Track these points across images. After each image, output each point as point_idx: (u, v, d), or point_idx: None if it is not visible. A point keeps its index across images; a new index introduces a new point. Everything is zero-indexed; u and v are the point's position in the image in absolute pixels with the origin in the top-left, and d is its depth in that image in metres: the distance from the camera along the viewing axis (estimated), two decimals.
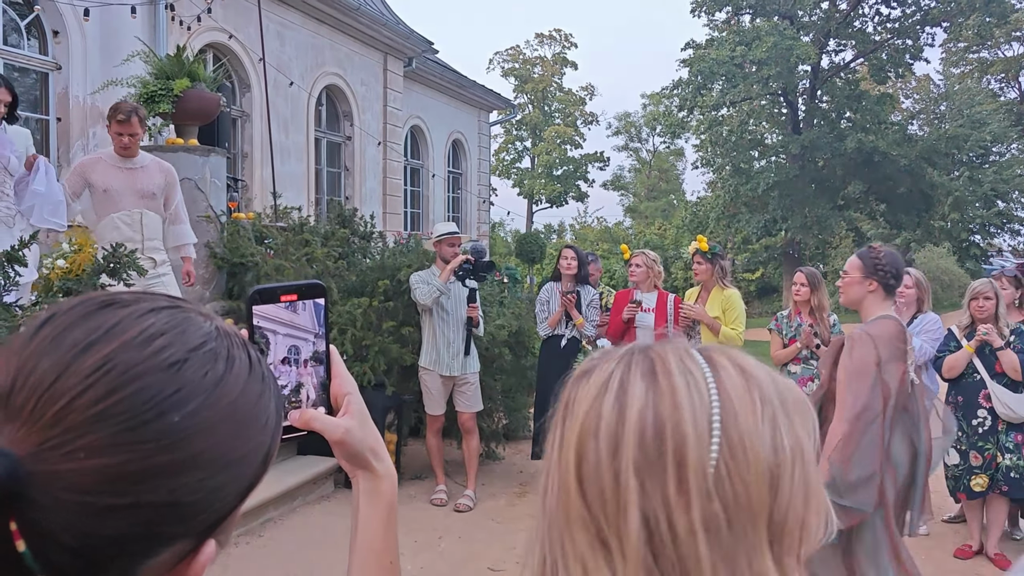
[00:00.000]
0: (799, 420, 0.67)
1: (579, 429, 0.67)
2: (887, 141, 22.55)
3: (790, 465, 0.65)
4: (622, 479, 0.64)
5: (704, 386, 0.66)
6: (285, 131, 11.68)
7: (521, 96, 39.31)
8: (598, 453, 0.65)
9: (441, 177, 17.40)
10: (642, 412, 0.65)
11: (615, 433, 0.65)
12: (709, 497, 0.62)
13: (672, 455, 0.63)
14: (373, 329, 5.95)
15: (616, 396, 0.67)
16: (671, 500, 0.62)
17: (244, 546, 4.80)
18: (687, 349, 0.70)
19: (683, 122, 26.51)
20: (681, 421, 0.64)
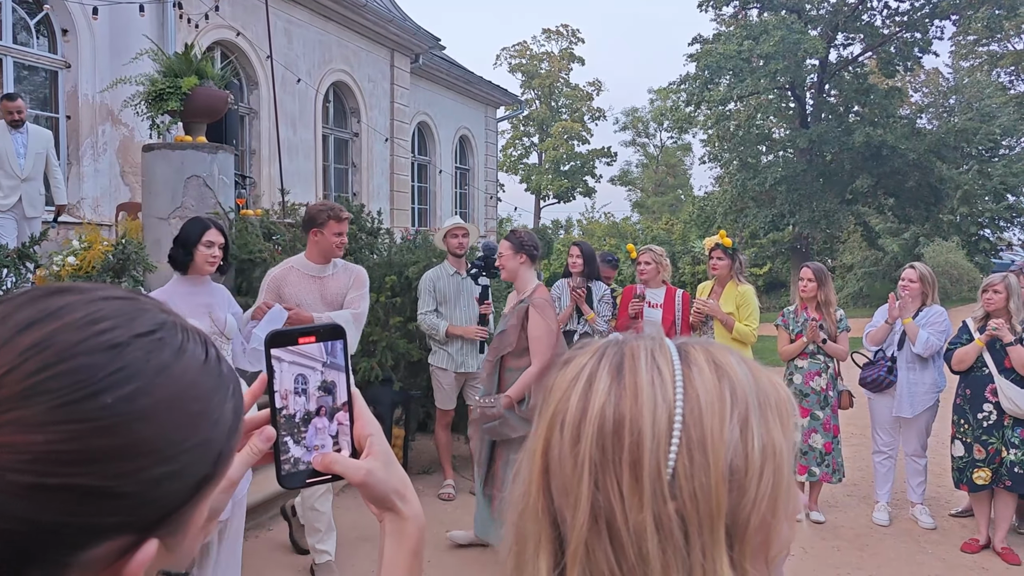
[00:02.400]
0: (776, 421, 0.66)
1: (549, 417, 0.68)
2: (896, 135, 22.42)
3: (758, 467, 0.64)
4: (578, 471, 0.64)
5: (671, 385, 0.65)
6: (293, 128, 11.72)
7: (528, 92, 39.26)
8: (562, 443, 0.66)
9: (448, 173, 17.41)
10: (603, 408, 0.65)
11: (577, 425, 0.66)
12: (663, 499, 0.62)
13: (628, 453, 0.63)
14: (380, 325, 5.97)
15: (583, 389, 0.67)
16: (625, 498, 0.63)
17: (253, 540, 4.84)
18: (662, 344, 0.69)
19: (690, 117, 26.42)
20: (639, 420, 0.64)
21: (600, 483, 0.63)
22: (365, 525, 5.14)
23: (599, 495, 0.63)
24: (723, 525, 0.62)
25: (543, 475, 0.67)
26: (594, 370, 0.68)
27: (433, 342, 5.65)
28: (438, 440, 5.84)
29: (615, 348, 0.70)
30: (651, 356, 0.67)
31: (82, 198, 8.83)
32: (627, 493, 0.63)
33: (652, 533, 0.62)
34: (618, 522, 0.63)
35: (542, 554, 0.67)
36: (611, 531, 0.63)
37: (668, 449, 0.63)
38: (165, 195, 6.11)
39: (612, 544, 0.63)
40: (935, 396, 5.31)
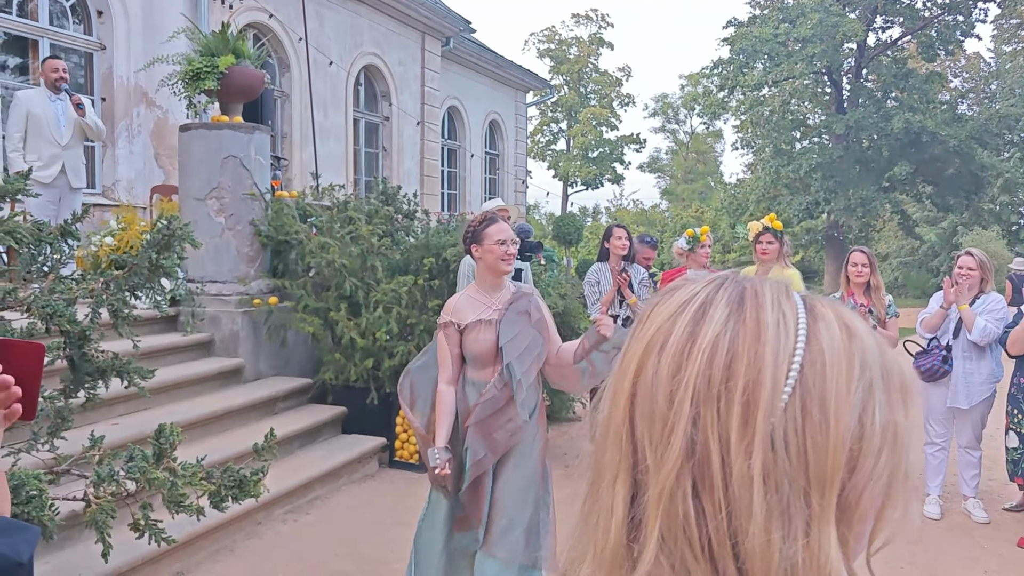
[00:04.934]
0: (901, 403, 0.61)
1: (646, 342, 0.63)
2: (936, 121, 21.92)
3: (877, 445, 0.58)
4: (676, 400, 0.58)
5: (793, 330, 0.59)
6: (324, 112, 11.67)
7: (557, 77, 38.96)
8: (658, 368, 0.60)
9: (478, 158, 17.31)
10: (717, 338, 0.59)
11: (681, 351, 0.60)
12: (773, 447, 0.56)
13: (741, 392, 0.57)
14: (418, 308, 5.90)
15: (693, 316, 0.62)
16: (731, 440, 0.57)
17: (292, 523, 4.80)
18: (788, 290, 0.63)
19: (723, 103, 26.04)
20: (760, 359, 0.58)
21: (700, 420, 0.58)
22: (402, 509, 5.09)
23: (696, 432, 0.58)
24: (835, 495, 0.57)
25: (630, 400, 0.62)
26: (709, 298, 0.63)
27: None
28: None
29: (734, 282, 0.64)
30: (776, 298, 0.62)
31: (117, 180, 8.84)
32: (734, 436, 0.56)
33: (759, 485, 0.56)
34: (713, 467, 0.57)
35: (620, 484, 0.62)
36: (703, 474, 0.57)
37: (781, 398, 0.57)
38: (201, 175, 6.08)
39: (700, 488, 0.57)
40: (992, 387, 5.13)
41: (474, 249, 3.21)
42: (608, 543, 0.62)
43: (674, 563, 0.59)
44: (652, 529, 0.59)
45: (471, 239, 3.23)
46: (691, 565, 0.58)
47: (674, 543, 0.59)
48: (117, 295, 3.10)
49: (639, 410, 0.61)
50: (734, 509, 0.56)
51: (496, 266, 3.16)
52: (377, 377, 5.83)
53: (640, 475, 0.61)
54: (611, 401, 0.64)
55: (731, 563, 0.57)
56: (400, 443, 5.87)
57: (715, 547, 0.57)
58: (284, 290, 6.08)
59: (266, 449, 3.04)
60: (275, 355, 6.16)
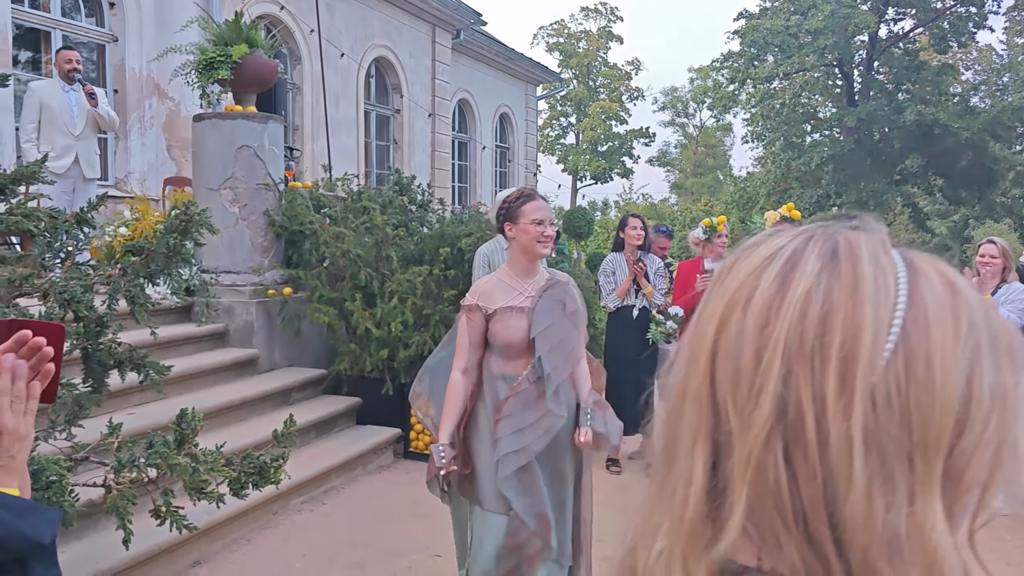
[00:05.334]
0: (1009, 366, 0.56)
1: (728, 299, 0.59)
2: (948, 113, 21.75)
3: (985, 410, 0.54)
4: (765, 358, 0.54)
5: (893, 284, 0.55)
6: (335, 104, 11.64)
7: (566, 71, 38.83)
8: (743, 325, 0.56)
9: (489, 151, 17.26)
10: (809, 292, 0.55)
11: (769, 306, 0.56)
12: (875, 407, 0.52)
13: (838, 348, 0.53)
14: (433, 298, 5.86)
15: (782, 269, 0.57)
16: (827, 400, 0.52)
17: (308, 513, 4.78)
18: (885, 242, 0.59)
19: (733, 95, 25.91)
20: (858, 313, 0.54)
21: (791, 378, 0.54)
22: (418, 500, 5.06)
23: (787, 392, 0.53)
24: (941, 461, 0.53)
25: (711, 360, 0.58)
26: (798, 251, 0.58)
27: None
28: None
29: (825, 233, 0.60)
30: (873, 251, 0.57)
31: (129, 172, 8.83)
32: (830, 395, 0.52)
33: (859, 447, 0.51)
34: (807, 429, 0.53)
35: (700, 450, 0.58)
36: (796, 437, 0.53)
37: (882, 355, 0.53)
38: (215, 166, 6.06)
39: (792, 452, 0.53)
40: None
41: (507, 228, 2.92)
42: (687, 513, 0.58)
43: (763, 534, 0.55)
44: (738, 497, 0.55)
45: (504, 216, 2.94)
46: (782, 536, 0.54)
47: (763, 512, 0.55)
48: (135, 282, 3.07)
49: (721, 370, 0.57)
50: (831, 474, 0.52)
51: (531, 248, 2.89)
52: (392, 368, 5.80)
53: (722, 440, 0.57)
54: (689, 362, 0.60)
55: (827, 533, 0.53)
56: (415, 434, 5.84)
57: (809, 516, 0.53)
58: (298, 280, 6.05)
59: (286, 436, 3.01)
60: (290, 346, 6.14)
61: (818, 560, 0.54)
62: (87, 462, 2.86)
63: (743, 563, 0.58)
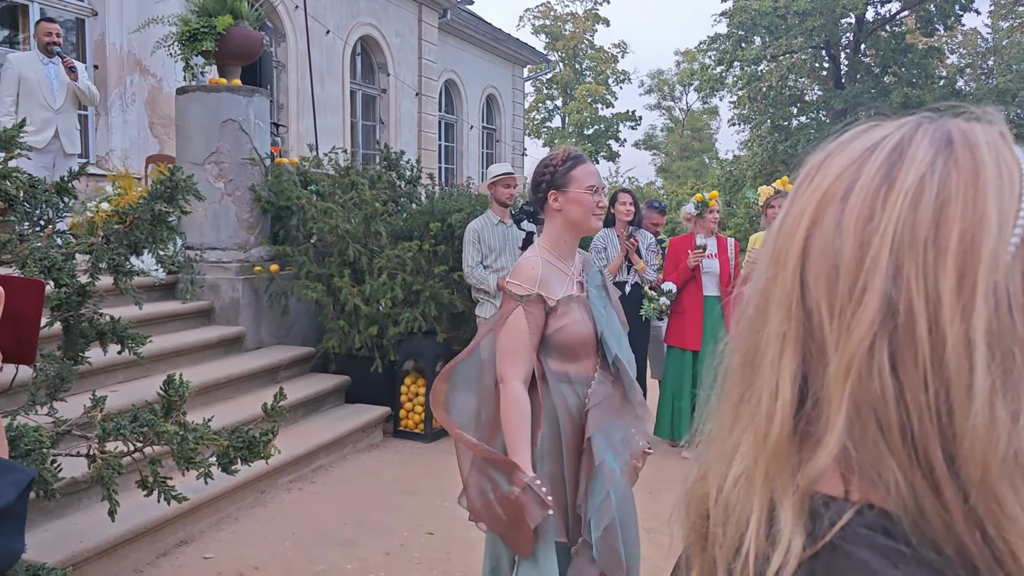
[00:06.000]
0: None
1: (823, 192, 0.53)
2: (934, 96, 21.81)
3: None
4: (872, 251, 0.49)
5: (1017, 174, 0.50)
6: (321, 83, 11.47)
7: (552, 54, 38.61)
8: (842, 219, 0.51)
9: (476, 131, 17.13)
10: (923, 178, 0.50)
11: (875, 196, 0.50)
12: (998, 309, 0.47)
13: (957, 240, 0.48)
14: (423, 274, 5.78)
15: (888, 157, 0.52)
16: (943, 299, 0.47)
17: (297, 492, 4.71)
18: (1004, 133, 0.53)
19: (720, 78, 25.84)
20: (980, 203, 0.48)
21: (901, 275, 0.48)
22: (409, 479, 5.00)
23: (896, 291, 0.48)
24: None
25: (801, 260, 0.52)
26: (906, 138, 0.53)
27: (480, 294, 5.45)
28: None
29: (935, 121, 0.54)
30: (992, 139, 0.52)
31: (111, 150, 8.66)
32: (947, 294, 0.47)
33: (982, 352, 0.46)
34: (919, 332, 0.47)
35: (788, 359, 0.52)
36: (906, 342, 0.48)
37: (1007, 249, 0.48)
38: (200, 140, 5.93)
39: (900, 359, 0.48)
40: None
41: (552, 198, 2.35)
42: (772, 430, 0.52)
43: (865, 452, 0.49)
44: (837, 411, 0.49)
45: (549, 184, 2.37)
46: (884, 456, 0.48)
47: (863, 429, 0.48)
48: (118, 250, 2.97)
49: (815, 269, 0.51)
50: (946, 383, 0.47)
51: (584, 222, 2.34)
52: (381, 345, 5.72)
53: (814, 349, 0.51)
54: (774, 263, 0.54)
55: (938, 450, 0.47)
56: (405, 412, 5.76)
57: (917, 432, 0.47)
58: (285, 257, 5.95)
59: (276, 410, 2.93)
60: (277, 323, 6.04)
61: (927, 481, 0.47)
62: (69, 436, 2.77)
63: (828, 492, 0.51)
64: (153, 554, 3.76)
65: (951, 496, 0.47)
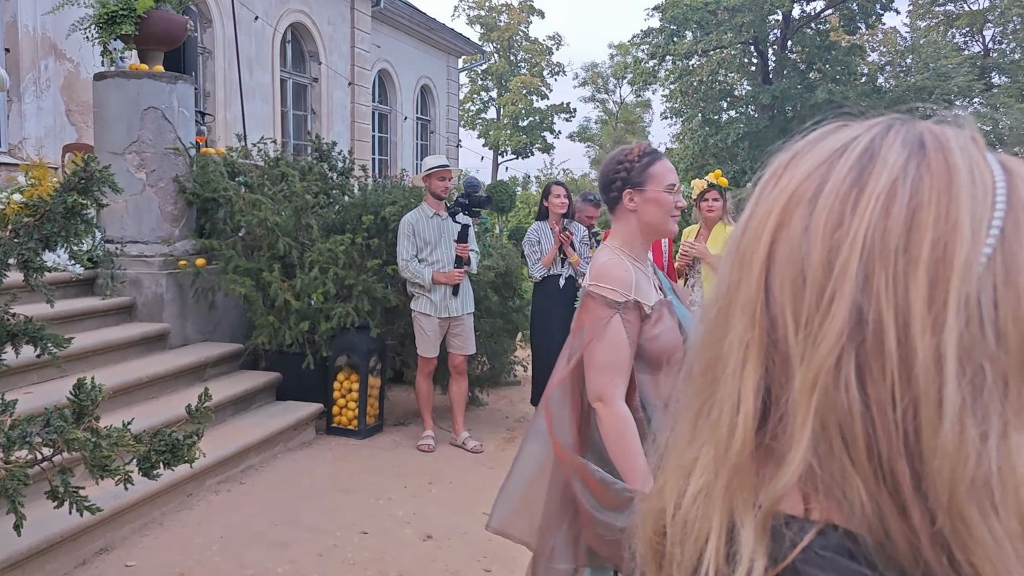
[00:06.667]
0: None
1: (789, 194, 0.51)
2: (856, 93, 22.51)
3: None
4: (841, 258, 0.47)
5: (990, 181, 0.48)
6: (249, 70, 11.15)
7: (487, 45, 38.46)
8: (810, 222, 0.49)
9: (410, 122, 16.94)
10: (895, 183, 0.48)
11: (845, 200, 0.48)
12: (968, 320, 0.45)
13: (929, 249, 0.46)
14: (356, 268, 5.66)
15: (858, 159, 0.50)
16: (912, 311, 0.45)
17: (226, 493, 4.56)
18: (975, 137, 0.52)
19: (652, 72, 26.16)
20: (953, 209, 0.46)
21: (871, 284, 0.46)
22: (343, 477, 4.90)
23: (865, 300, 0.46)
24: None
25: (766, 264, 0.50)
26: (877, 140, 0.50)
27: (415, 288, 5.36)
28: (419, 390, 5.58)
29: (905, 122, 0.52)
30: (963, 143, 0.50)
31: (24, 138, 8.25)
32: (918, 305, 0.45)
33: (953, 367, 0.44)
34: (888, 345, 0.45)
35: (751, 369, 0.49)
36: (874, 355, 0.45)
37: (979, 259, 0.46)
38: (119, 128, 5.68)
39: (867, 373, 0.46)
40: None
41: (628, 198, 2.11)
42: (734, 444, 0.49)
43: (829, 470, 0.46)
44: (802, 426, 0.46)
45: (625, 182, 2.13)
46: (849, 474, 0.46)
47: (828, 445, 0.46)
48: (28, 244, 2.80)
49: (781, 274, 0.49)
50: (915, 400, 0.44)
51: (663, 224, 2.12)
52: (313, 341, 5.58)
53: (777, 360, 0.48)
54: (737, 266, 0.52)
55: (905, 469, 0.45)
56: (338, 408, 5.65)
57: (884, 450, 0.45)
58: (212, 251, 5.75)
59: (200, 412, 2.81)
60: (203, 319, 5.84)
61: (893, 502, 0.45)
62: None
63: (788, 511, 0.49)
64: (71, 564, 3.59)
65: (918, 517, 0.45)
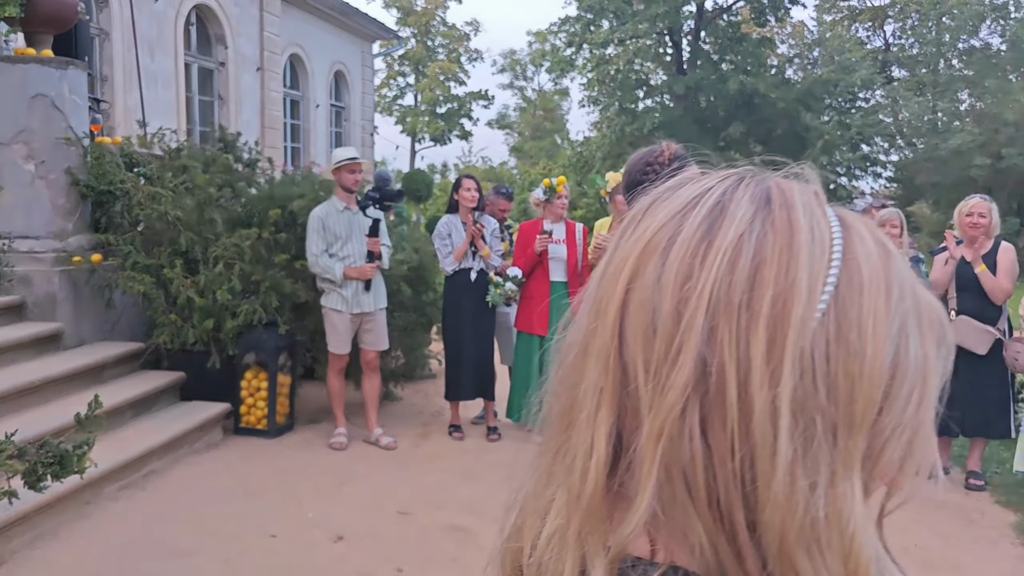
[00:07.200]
0: (932, 342, 0.53)
1: (645, 243, 0.52)
2: (766, 84, 23.16)
3: (909, 387, 0.50)
4: (688, 310, 0.48)
5: (828, 238, 0.50)
6: (151, 53, 10.69)
7: (404, 29, 37.98)
8: (663, 273, 0.50)
9: (324, 110, 16.58)
10: (741, 238, 0.49)
11: (695, 253, 0.50)
12: (803, 375, 0.47)
13: (769, 305, 0.47)
14: (263, 263, 5.50)
15: (709, 212, 0.51)
16: (754, 364, 0.47)
17: (126, 500, 4.38)
18: (818, 194, 0.54)
19: (570, 60, 26.35)
20: (793, 266, 0.48)
21: (715, 337, 0.47)
22: (251, 479, 4.78)
23: (709, 352, 0.47)
24: (864, 438, 0.48)
25: (621, 312, 0.51)
26: (728, 193, 0.52)
27: (325, 283, 5.25)
28: (330, 387, 5.48)
29: (756, 177, 0.54)
30: (807, 200, 0.52)
31: None
32: (757, 359, 0.47)
33: (787, 420, 0.46)
34: (729, 397, 0.47)
35: (603, 416, 0.51)
36: (716, 406, 0.47)
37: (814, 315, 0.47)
38: (5, 117, 5.38)
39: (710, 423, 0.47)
40: None
41: None
42: (586, 489, 0.51)
43: (671, 513, 0.49)
44: (648, 473, 0.48)
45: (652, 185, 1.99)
46: (690, 516, 0.48)
47: (672, 491, 0.48)
48: None
49: (633, 323, 0.50)
50: (752, 450, 0.47)
51: None
52: (219, 339, 5.41)
53: (629, 407, 0.50)
54: (594, 312, 0.53)
55: (741, 516, 0.47)
56: (246, 408, 5.50)
57: (723, 496, 0.48)
58: (109, 246, 5.50)
59: (91, 420, 2.68)
60: (100, 318, 5.58)
61: (730, 546, 0.47)
62: None
63: (635, 553, 0.51)
64: None
65: (751, 563, 0.47)
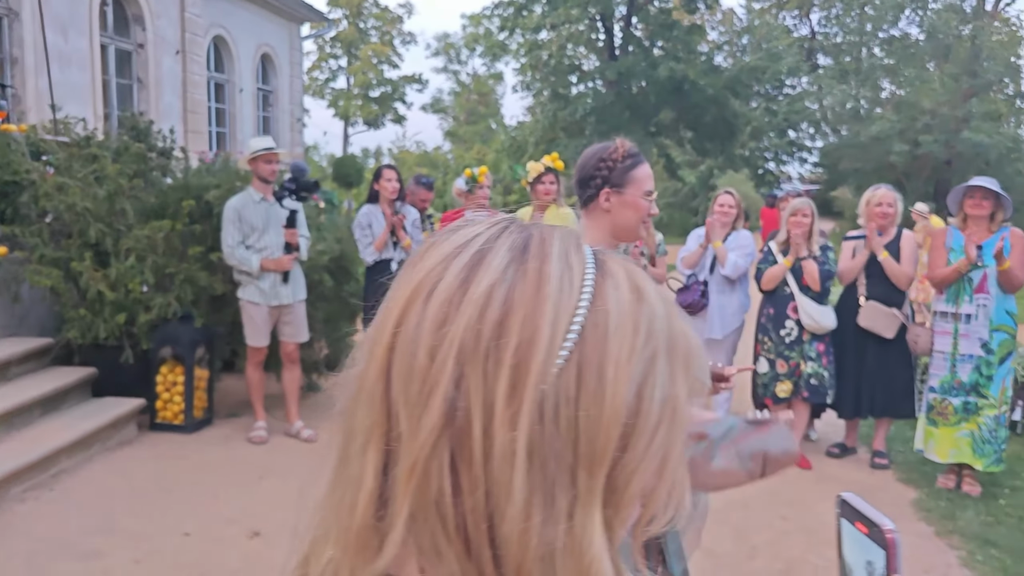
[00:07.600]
0: (684, 375, 0.56)
1: (413, 287, 0.55)
2: (696, 71, 23.49)
3: (654, 423, 0.53)
4: (439, 357, 0.51)
5: (578, 286, 0.53)
6: (64, 34, 10.27)
7: (335, 11, 37.31)
8: (423, 318, 0.53)
9: (249, 94, 16.20)
10: (492, 289, 0.52)
11: (450, 300, 0.52)
12: (542, 419, 0.50)
13: (512, 352, 0.50)
14: (177, 256, 5.39)
15: (469, 261, 0.54)
16: (495, 407, 0.50)
17: (33, 502, 4.27)
18: (579, 242, 0.57)
19: (503, 45, 26.29)
20: (537, 315, 0.51)
21: (463, 382, 0.50)
22: (165, 475, 4.70)
23: (458, 396, 0.50)
24: (604, 475, 0.51)
25: (388, 354, 0.53)
26: (490, 242, 0.55)
27: (242, 275, 5.17)
28: (249, 380, 5.41)
29: (520, 227, 0.56)
30: (564, 249, 0.54)
31: None
32: (499, 403, 0.49)
33: (522, 461, 0.49)
34: (474, 437, 0.50)
35: (371, 452, 0.54)
36: (462, 445, 0.50)
37: (555, 362, 0.50)
38: None
39: (458, 461, 0.50)
40: (741, 317, 5.59)
41: (605, 197, 2.03)
42: (355, 522, 0.53)
43: (424, 545, 0.51)
44: (402, 506, 0.51)
45: (605, 181, 2.05)
46: (443, 548, 0.51)
47: (424, 523, 0.51)
48: None
49: (397, 366, 0.53)
50: (492, 487, 0.49)
51: (635, 229, 2.07)
52: (132, 333, 5.28)
53: (393, 444, 0.53)
54: (368, 353, 0.55)
55: (486, 548, 0.50)
56: (162, 403, 5.39)
57: (469, 529, 0.50)
58: (14, 238, 5.30)
59: None
60: (6, 313, 5.39)
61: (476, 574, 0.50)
62: None
63: None
64: None
65: None
